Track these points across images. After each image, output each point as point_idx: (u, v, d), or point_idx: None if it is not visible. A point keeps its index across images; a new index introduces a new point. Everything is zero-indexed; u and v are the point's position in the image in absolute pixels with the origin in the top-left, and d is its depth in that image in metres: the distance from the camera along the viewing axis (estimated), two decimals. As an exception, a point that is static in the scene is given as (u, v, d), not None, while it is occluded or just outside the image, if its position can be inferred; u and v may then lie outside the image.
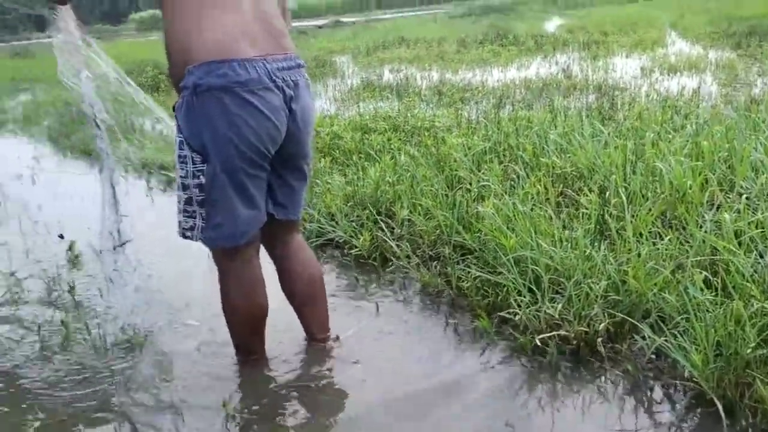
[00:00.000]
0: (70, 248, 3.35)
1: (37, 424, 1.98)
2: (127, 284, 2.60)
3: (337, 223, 3.17)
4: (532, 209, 2.69)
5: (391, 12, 28.42)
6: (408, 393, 2.03)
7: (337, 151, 4.25)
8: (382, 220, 3.01)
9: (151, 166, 5.18)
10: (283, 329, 2.29)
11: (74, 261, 3.30)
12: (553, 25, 16.20)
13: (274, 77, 1.84)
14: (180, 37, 1.83)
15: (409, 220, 3.02)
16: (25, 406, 2.09)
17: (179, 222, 2.00)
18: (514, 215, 2.62)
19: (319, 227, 3.20)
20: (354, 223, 3.12)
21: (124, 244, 2.53)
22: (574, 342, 2.08)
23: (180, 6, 1.83)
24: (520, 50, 10.55)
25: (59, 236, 3.41)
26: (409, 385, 2.06)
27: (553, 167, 3.21)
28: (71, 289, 2.89)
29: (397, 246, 2.86)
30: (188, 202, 1.95)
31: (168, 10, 1.85)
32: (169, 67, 1.89)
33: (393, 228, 3.00)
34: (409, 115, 5.05)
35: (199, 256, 2.79)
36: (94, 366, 2.30)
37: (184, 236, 2.02)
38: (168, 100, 8.51)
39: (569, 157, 3.27)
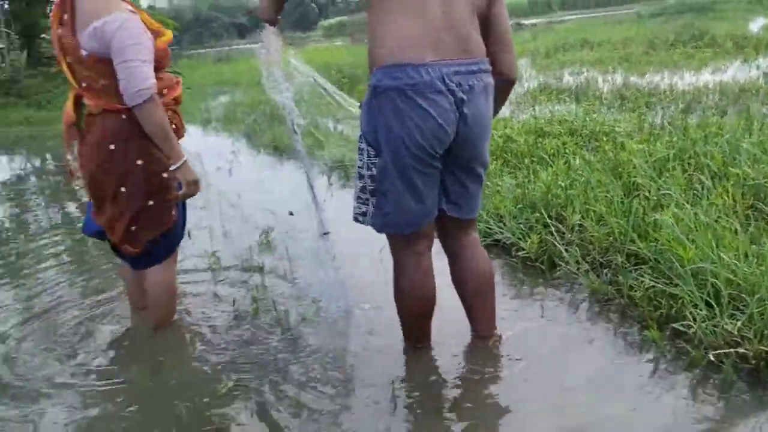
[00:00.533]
0: (264, 234, 3.71)
1: (229, 384, 2.25)
2: (320, 268, 2.83)
3: (504, 224, 3.21)
4: (716, 220, 2.55)
5: (574, 13, 27.51)
6: (569, 395, 2.03)
7: (509, 154, 4.27)
8: (552, 224, 3.00)
9: (333, 164, 5.53)
10: (450, 324, 2.39)
11: (265, 245, 3.64)
12: (758, 25, 14.74)
13: (447, 81, 1.94)
14: (371, 41, 2.00)
15: (580, 225, 2.98)
16: (219, 367, 2.40)
17: (354, 207, 2.18)
18: (695, 226, 2.50)
19: (487, 228, 3.25)
20: (522, 226, 3.14)
21: (326, 233, 2.76)
22: (753, 361, 1.96)
23: (375, 12, 2.00)
24: (715, 52, 9.76)
25: (289, 213, 3.86)
26: (571, 388, 2.07)
27: (745, 178, 2.99)
28: (261, 270, 3.21)
29: (567, 251, 2.84)
30: (362, 190, 2.13)
31: (369, 15, 2.02)
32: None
33: (563, 232, 2.98)
34: (587, 119, 4.93)
35: (377, 246, 3.00)
36: (278, 337, 2.57)
37: (356, 220, 2.21)
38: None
39: (763, 167, 3.03)
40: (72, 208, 5.34)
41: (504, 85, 2.17)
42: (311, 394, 2.15)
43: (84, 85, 2.33)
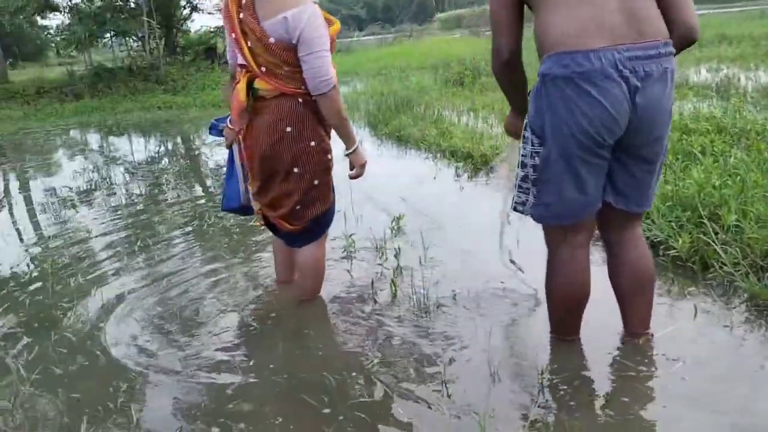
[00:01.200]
0: (396, 220, 3.76)
1: (374, 360, 2.30)
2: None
3: (653, 221, 3.07)
4: None
5: (709, 7, 25.82)
6: (730, 398, 1.93)
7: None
8: (705, 224, 2.85)
9: (458, 154, 5.53)
10: (601, 319, 2.32)
11: (397, 231, 3.70)
12: None
13: (620, 67, 1.85)
14: (540, 29, 1.95)
15: (737, 226, 2.81)
16: (363, 344, 2.46)
17: (514, 196, 2.16)
18: None
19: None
20: (672, 224, 3.00)
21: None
22: None
23: (543, 1, 1.96)
24: None
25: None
26: (729, 391, 1.96)
27: None
28: (397, 254, 3.26)
29: (723, 251, 2.68)
30: (524, 179, 2.09)
31: (535, 3, 1.98)
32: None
33: (716, 233, 2.81)
34: (737, 116, 4.62)
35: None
36: (416, 321, 2.60)
37: (515, 209, 2.17)
38: (471, 94, 8.99)
39: None
40: (197, 186, 5.65)
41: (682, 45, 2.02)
42: (454, 380, 2.15)
43: (263, 69, 2.42)
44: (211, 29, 19.19)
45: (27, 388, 2.30)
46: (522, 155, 2.07)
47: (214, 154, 7.36)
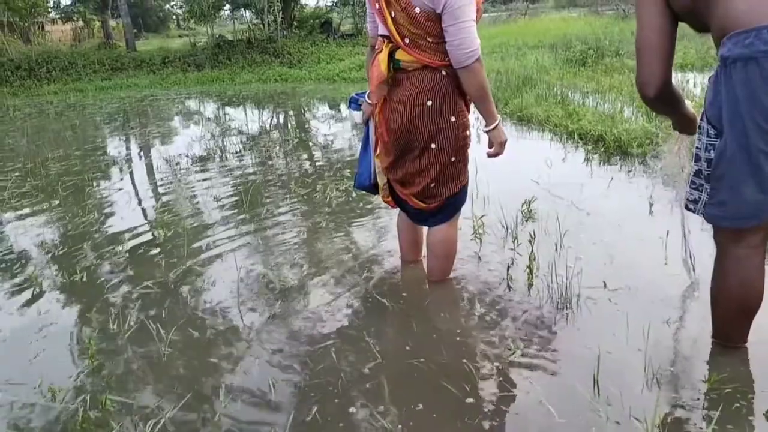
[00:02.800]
0: (527, 204, 3.58)
1: (518, 351, 2.18)
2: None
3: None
4: None
5: None
6: None
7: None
8: None
9: (587, 137, 5.24)
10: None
11: (528, 214, 3.52)
12: None
13: None
14: (719, 12, 1.71)
15: None
16: (499, 333, 2.33)
17: (686, 192, 1.94)
18: None
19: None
20: None
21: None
22: None
23: None
24: None
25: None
26: None
27: None
28: (531, 240, 3.09)
29: None
30: (697, 174, 1.88)
31: None
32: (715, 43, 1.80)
33: None
34: None
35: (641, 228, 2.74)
36: (559, 313, 2.43)
37: (687, 208, 1.96)
38: (594, 75, 8.53)
39: None
40: (305, 162, 5.66)
41: None
42: (608, 381, 1.98)
43: (407, 41, 2.32)
44: (328, 3, 19.40)
45: (165, 349, 2.34)
46: (696, 147, 1.85)
47: (330, 127, 7.40)
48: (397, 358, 2.20)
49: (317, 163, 5.52)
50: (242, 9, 19.15)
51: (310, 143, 6.66)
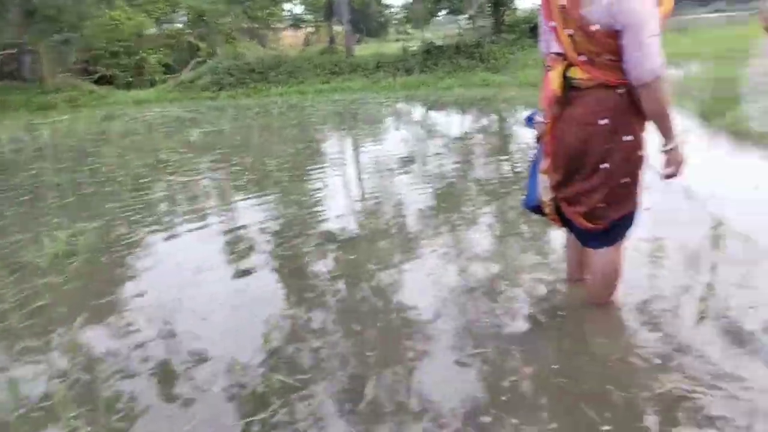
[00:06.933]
0: (714, 227, 3.34)
1: (668, 385, 2.09)
2: None
3: None
4: None
5: None
6: None
7: None
8: None
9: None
10: None
11: (714, 240, 3.27)
12: None
13: None
14: None
15: None
16: (655, 365, 2.24)
17: None
18: None
19: None
20: None
21: None
22: None
23: None
24: None
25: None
26: None
27: None
28: (713, 268, 2.88)
29: None
30: None
31: None
32: None
33: None
34: None
35: None
36: (725, 351, 2.28)
37: None
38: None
39: None
40: (508, 167, 5.67)
41: None
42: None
43: (583, 58, 2.30)
44: (539, 6, 19.05)
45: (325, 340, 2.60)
46: None
47: (524, 135, 7.37)
48: (540, 376, 2.23)
49: (504, 172, 5.56)
50: (456, 14, 19.54)
51: (504, 151, 6.70)
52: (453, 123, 9.27)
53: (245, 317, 2.86)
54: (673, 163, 2.37)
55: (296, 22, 26.64)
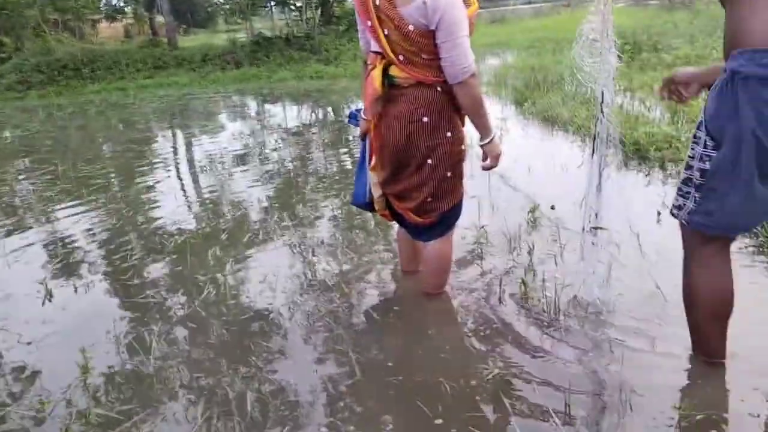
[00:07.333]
0: (531, 212, 3.57)
1: (495, 371, 2.18)
2: (593, 262, 2.63)
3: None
4: None
5: None
6: None
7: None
8: None
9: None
10: (751, 335, 2.05)
11: (533, 224, 3.50)
12: None
13: None
14: (731, 22, 1.71)
15: None
16: (483, 350, 2.34)
17: (673, 198, 1.97)
18: None
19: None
20: None
21: (598, 229, 2.55)
22: None
23: None
24: None
25: (551, 207, 3.68)
26: None
27: None
28: (530, 251, 3.08)
29: None
30: (686, 182, 1.90)
31: None
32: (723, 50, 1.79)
33: None
34: None
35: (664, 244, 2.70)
36: (546, 327, 2.43)
37: (671, 213, 1.99)
38: (629, 71, 8.33)
39: None
40: (347, 159, 5.71)
41: None
42: (579, 403, 1.98)
43: (401, 58, 2.33)
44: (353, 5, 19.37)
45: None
46: (689, 156, 1.87)
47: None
48: (376, 374, 2.24)
49: (343, 165, 5.57)
50: (282, 5, 19.31)
51: (341, 142, 6.72)
52: (287, 116, 9.15)
53: (62, 343, 2.60)
54: (491, 156, 2.49)
55: (113, 14, 24.92)
